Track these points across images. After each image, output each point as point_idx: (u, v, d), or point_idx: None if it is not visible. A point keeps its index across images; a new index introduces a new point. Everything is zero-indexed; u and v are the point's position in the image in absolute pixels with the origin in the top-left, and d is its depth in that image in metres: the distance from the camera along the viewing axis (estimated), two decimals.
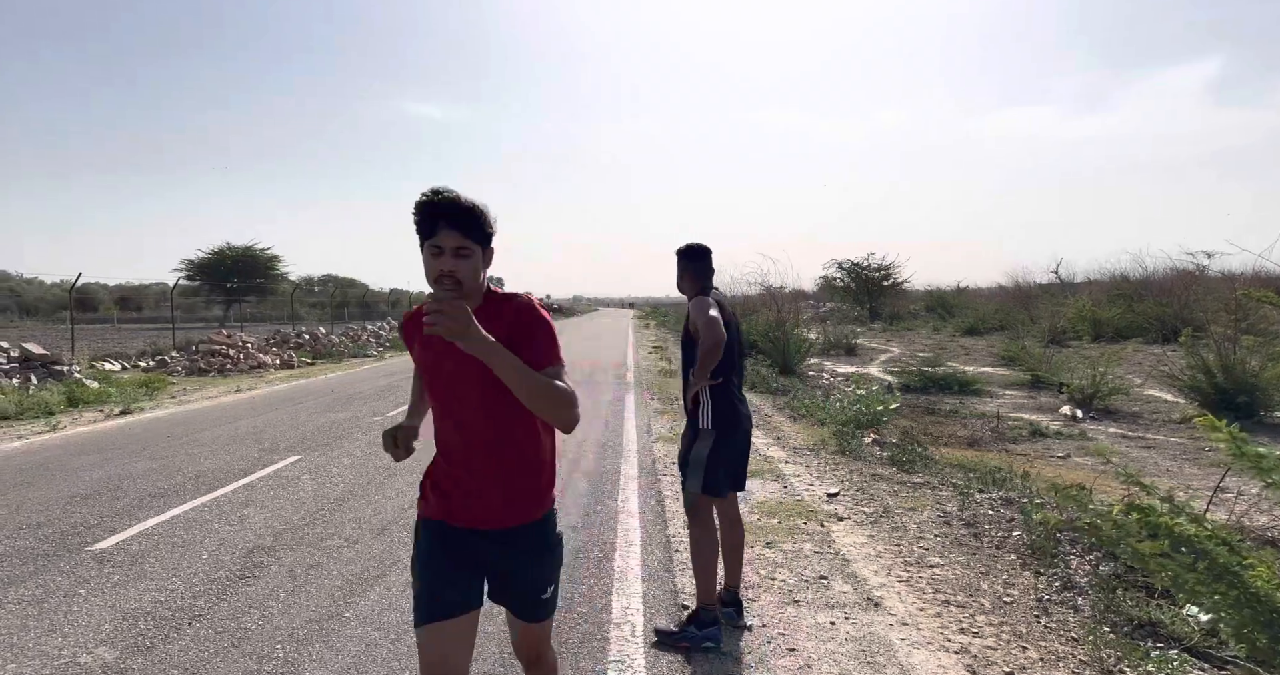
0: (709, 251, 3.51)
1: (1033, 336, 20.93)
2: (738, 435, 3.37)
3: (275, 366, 18.08)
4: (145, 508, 5.24)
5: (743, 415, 3.41)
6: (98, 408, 10.77)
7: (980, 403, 12.00)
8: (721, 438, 3.29)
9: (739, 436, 3.39)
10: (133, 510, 5.17)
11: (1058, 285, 34.36)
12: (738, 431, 3.37)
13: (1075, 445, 8.49)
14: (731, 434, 3.33)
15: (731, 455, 3.36)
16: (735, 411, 3.36)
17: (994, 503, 5.16)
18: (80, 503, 5.40)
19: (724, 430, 3.30)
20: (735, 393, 3.41)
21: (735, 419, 3.35)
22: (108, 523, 4.87)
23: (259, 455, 7.13)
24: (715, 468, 3.29)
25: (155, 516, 5.00)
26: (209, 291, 55.15)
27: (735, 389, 3.42)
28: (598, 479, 6.12)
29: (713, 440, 3.28)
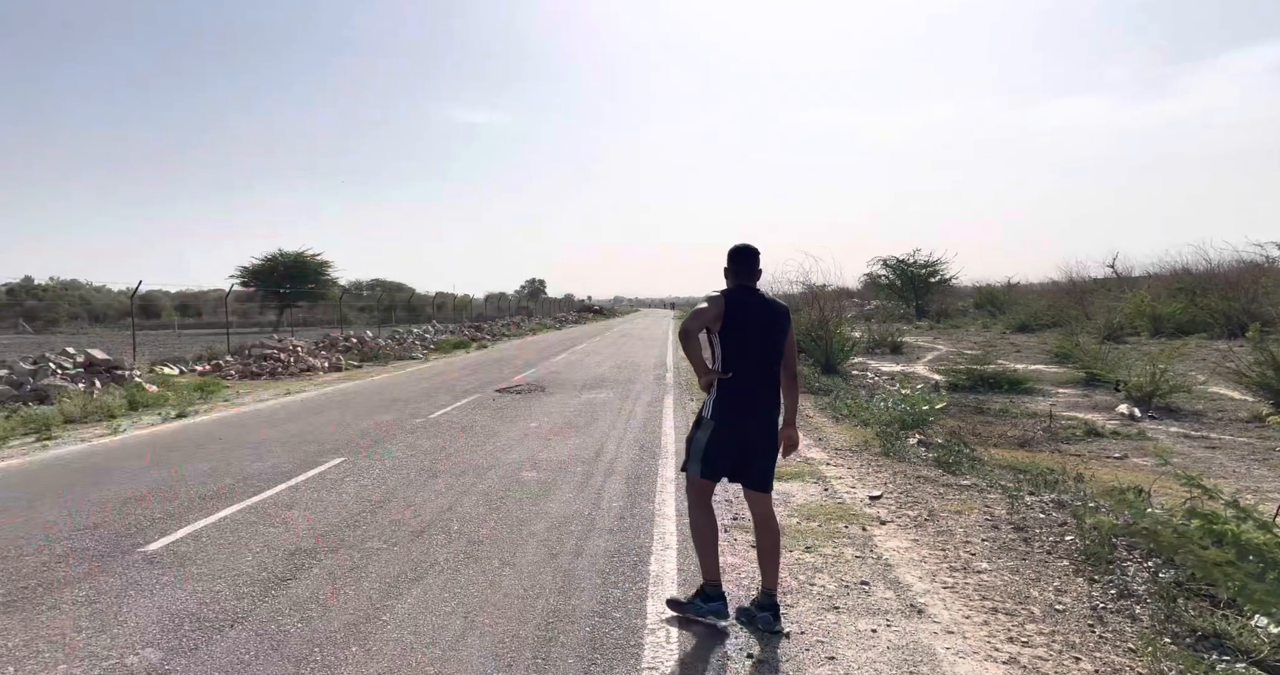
0: (745, 252, 3.65)
1: (1088, 333, 20.22)
2: (739, 427, 3.45)
3: (324, 370, 18.51)
4: (195, 510, 5.39)
5: (751, 409, 3.47)
6: (156, 411, 11.15)
7: (1032, 402, 11.63)
8: (720, 427, 3.45)
9: (740, 428, 3.46)
10: (183, 512, 5.32)
11: (1114, 279, 33.14)
12: (739, 423, 3.45)
13: (1133, 445, 8.16)
14: (731, 425, 3.45)
15: (730, 445, 3.48)
16: (739, 404, 3.47)
17: (1045, 506, 4.97)
18: (135, 504, 5.58)
19: (723, 421, 3.46)
20: (747, 387, 3.47)
21: (738, 411, 3.45)
22: (160, 524, 5.02)
23: (304, 458, 7.28)
24: (711, 454, 3.48)
25: (204, 518, 5.14)
26: (263, 297, 56.84)
27: (748, 384, 3.47)
28: (635, 481, 6.08)
29: (711, 429, 3.47)
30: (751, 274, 3.63)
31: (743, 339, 3.46)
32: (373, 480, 6.29)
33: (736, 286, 3.60)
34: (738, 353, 3.46)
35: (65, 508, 5.54)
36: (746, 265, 3.63)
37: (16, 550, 4.53)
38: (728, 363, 3.48)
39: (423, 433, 8.72)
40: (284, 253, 54.93)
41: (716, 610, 3.42)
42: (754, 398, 3.47)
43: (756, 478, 3.52)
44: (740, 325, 3.46)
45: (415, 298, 55.19)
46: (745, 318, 3.47)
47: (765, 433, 3.49)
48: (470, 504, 5.47)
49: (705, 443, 3.47)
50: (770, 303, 3.57)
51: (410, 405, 11.36)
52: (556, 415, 9.96)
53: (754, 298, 3.55)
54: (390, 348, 23.85)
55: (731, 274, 3.63)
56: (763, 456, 3.50)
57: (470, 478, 6.33)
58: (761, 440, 3.49)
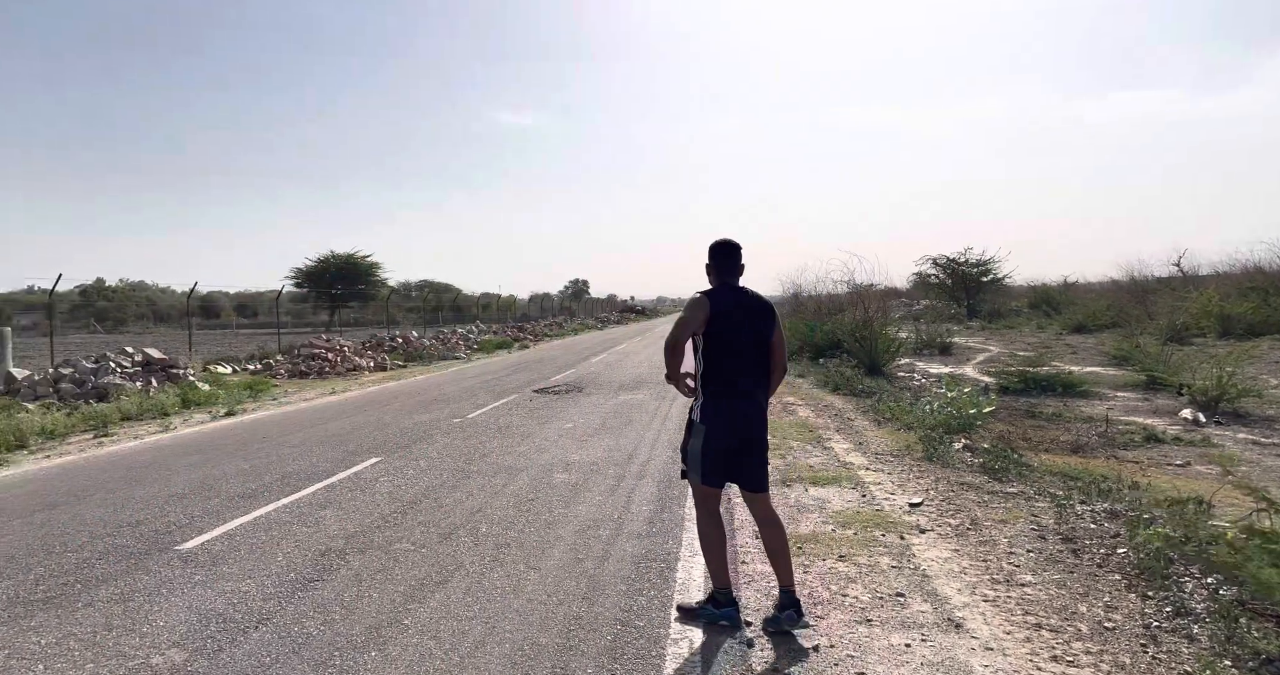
0: (726, 247, 3.58)
1: (1149, 334, 19.38)
2: (731, 429, 3.37)
3: (369, 369, 18.87)
4: (233, 508, 5.49)
5: (742, 410, 3.40)
6: (207, 409, 11.50)
7: (1088, 406, 11.16)
8: (712, 431, 3.37)
9: (732, 430, 3.38)
10: (221, 511, 5.43)
11: (1179, 278, 31.74)
12: (731, 425, 3.37)
13: (1196, 453, 7.74)
14: (723, 427, 3.37)
15: (725, 448, 3.40)
16: (729, 406, 3.39)
17: (1097, 515, 4.71)
18: (176, 502, 5.71)
19: (714, 424, 3.37)
20: (736, 388, 3.41)
21: (728, 413, 3.37)
22: (197, 522, 5.13)
23: (342, 457, 7.39)
24: (708, 459, 3.38)
25: (240, 517, 5.23)
26: (316, 298, 58.37)
27: (737, 384, 3.41)
28: (666, 484, 5.99)
29: (704, 435, 3.38)
30: (734, 270, 3.56)
31: (730, 339, 3.40)
32: (406, 480, 6.33)
33: (720, 285, 3.54)
34: (726, 353, 3.40)
35: (111, 504, 5.70)
36: (729, 261, 3.56)
37: (62, 546, 4.66)
38: (715, 363, 3.42)
39: (459, 433, 8.77)
40: (335, 254, 56.29)
41: (728, 616, 3.36)
42: (743, 398, 3.42)
43: (751, 478, 3.47)
44: (727, 326, 3.40)
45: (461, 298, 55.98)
46: (732, 317, 3.41)
47: (757, 432, 3.45)
48: (500, 506, 5.45)
49: (700, 448, 3.40)
50: (756, 299, 3.51)
51: (450, 405, 11.47)
52: (592, 416, 9.93)
53: (739, 296, 3.49)
54: (434, 348, 24.20)
55: (714, 271, 3.55)
56: (756, 456, 3.45)
57: (502, 479, 6.32)
58: (754, 440, 3.44)
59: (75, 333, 48.82)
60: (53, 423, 9.30)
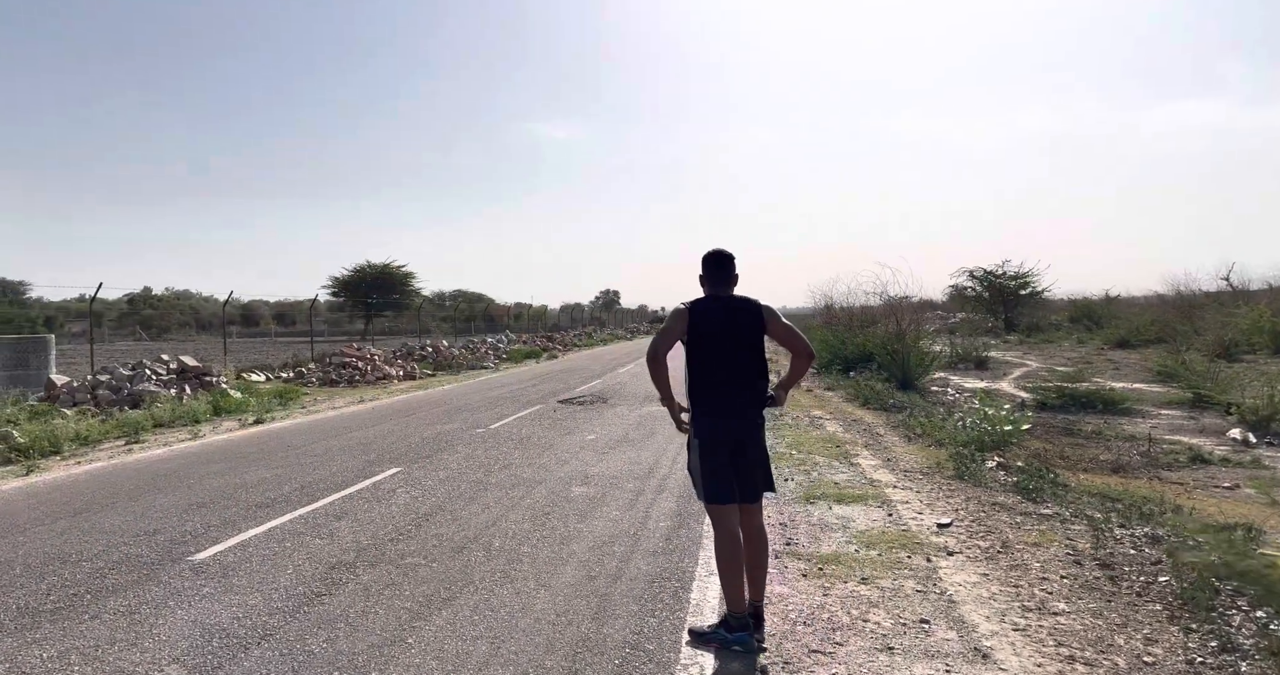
0: (715, 258, 3.52)
1: (1196, 350, 18.71)
2: (722, 442, 3.32)
3: (399, 378, 19.03)
4: (249, 518, 5.49)
5: (729, 421, 3.33)
6: (237, 417, 11.65)
7: (1130, 424, 10.76)
8: (705, 446, 3.32)
9: (723, 443, 3.32)
10: (238, 520, 5.43)
11: (1229, 293, 30.68)
12: (721, 438, 3.32)
13: (1245, 475, 7.37)
14: (714, 441, 3.32)
15: (721, 461, 3.33)
16: (716, 419, 3.34)
17: (1137, 540, 4.46)
18: (195, 511, 5.74)
19: (705, 438, 3.34)
20: (722, 400, 3.35)
21: (716, 426, 3.32)
22: (213, 532, 5.13)
23: (363, 467, 7.38)
24: (708, 476, 3.32)
25: (255, 527, 5.22)
26: (352, 307, 59.33)
27: (723, 396, 3.35)
28: (685, 500, 5.85)
29: (698, 450, 3.34)
30: (725, 281, 3.49)
31: (712, 350, 3.35)
32: (424, 492, 6.29)
33: (704, 297, 3.48)
34: (710, 365, 3.35)
35: (132, 512, 5.74)
36: (719, 272, 3.49)
37: (77, 555, 4.69)
38: (699, 375, 3.36)
39: (480, 443, 8.74)
40: (371, 264, 57.17)
41: (741, 641, 3.24)
42: (730, 409, 3.35)
43: (744, 489, 3.37)
44: (708, 336, 3.35)
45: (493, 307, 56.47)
46: (712, 328, 3.36)
47: (749, 442, 3.37)
48: (515, 519, 5.37)
49: (698, 464, 3.35)
50: (738, 305, 3.43)
51: (474, 415, 11.47)
52: (614, 428, 9.83)
53: (720, 305, 3.42)
54: (464, 357, 24.36)
55: (704, 282, 3.50)
56: (749, 468, 3.37)
57: (520, 491, 6.24)
58: (746, 451, 3.36)
59: (122, 340, 50.33)
60: (87, 429, 9.48)
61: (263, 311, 73.04)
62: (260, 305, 72.17)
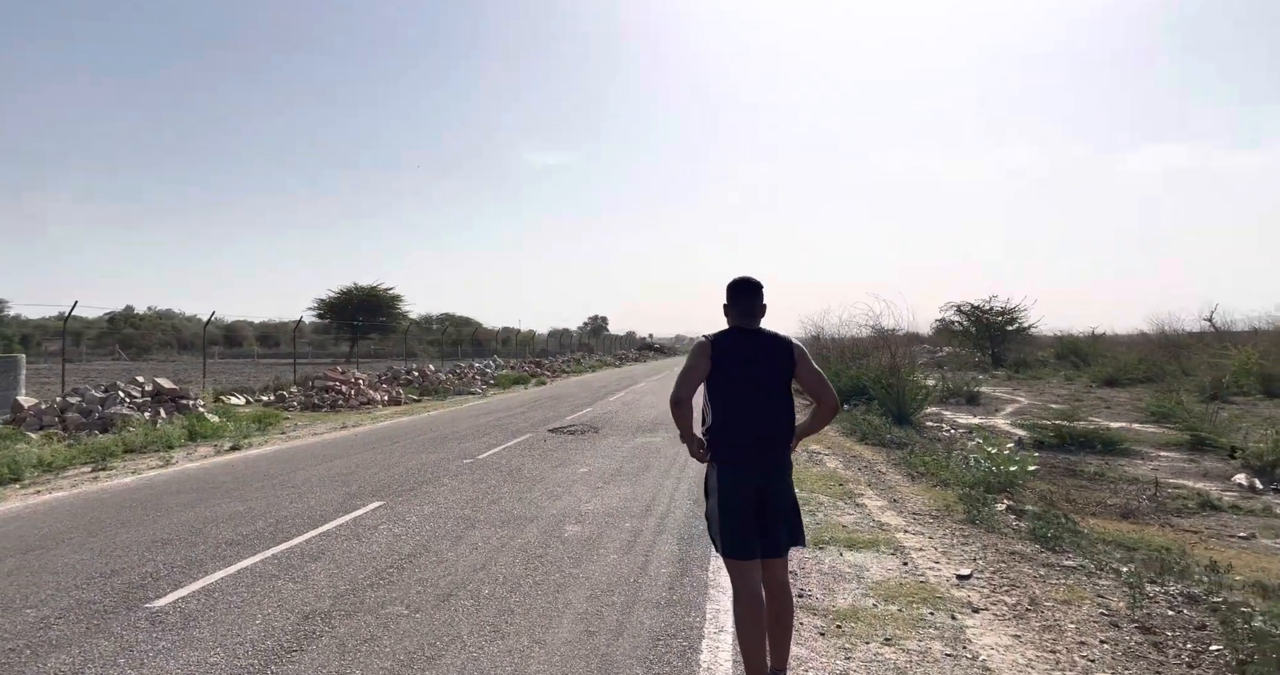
0: (742, 286, 3.21)
1: (1186, 390, 18.66)
2: (746, 490, 3.00)
3: (383, 403, 18.57)
4: (218, 557, 5.08)
5: (755, 467, 3.01)
6: (213, 442, 11.18)
7: (1130, 465, 10.56)
8: (727, 494, 3.02)
9: (748, 492, 3.01)
10: (205, 560, 5.02)
11: (1212, 334, 30.90)
12: (746, 486, 3.01)
13: (1260, 523, 7.14)
14: (737, 490, 3.01)
15: (745, 512, 3.00)
16: (741, 465, 3.02)
17: (1173, 599, 4.18)
18: (159, 549, 5.32)
19: (727, 486, 3.03)
20: (747, 444, 3.03)
21: (741, 473, 3.02)
22: (176, 574, 4.71)
23: (343, 500, 6.98)
24: (730, 527, 3.01)
25: (223, 569, 4.81)
26: (337, 329, 58.70)
27: (748, 440, 3.03)
28: (687, 542, 5.51)
29: (718, 497, 3.04)
30: (751, 311, 3.17)
31: (736, 390, 3.04)
32: (407, 529, 5.90)
33: (729, 330, 3.17)
34: (733, 406, 3.04)
35: (89, 549, 5.32)
36: (745, 302, 3.17)
37: (23, 600, 4.26)
38: (722, 418, 3.05)
39: (468, 475, 8.35)
40: (359, 286, 56.75)
41: None
42: (754, 457, 3.02)
43: (772, 542, 3.04)
44: (730, 376, 3.04)
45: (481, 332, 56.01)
46: (737, 365, 3.05)
47: (774, 492, 3.03)
48: (505, 562, 5.00)
49: (719, 514, 3.03)
50: (766, 341, 3.11)
51: (461, 443, 11.07)
52: (608, 460, 9.48)
53: (747, 340, 3.10)
54: (450, 382, 23.92)
55: (728, 312, 3.22)
56: (778, 520, 3.04)
57: (510, 530, 5.88)
58: (771, 501, 3.03)
59: (100, 359, 49.33)
60: (52, 454, 9.02)
61: (246, 332, 72.16)
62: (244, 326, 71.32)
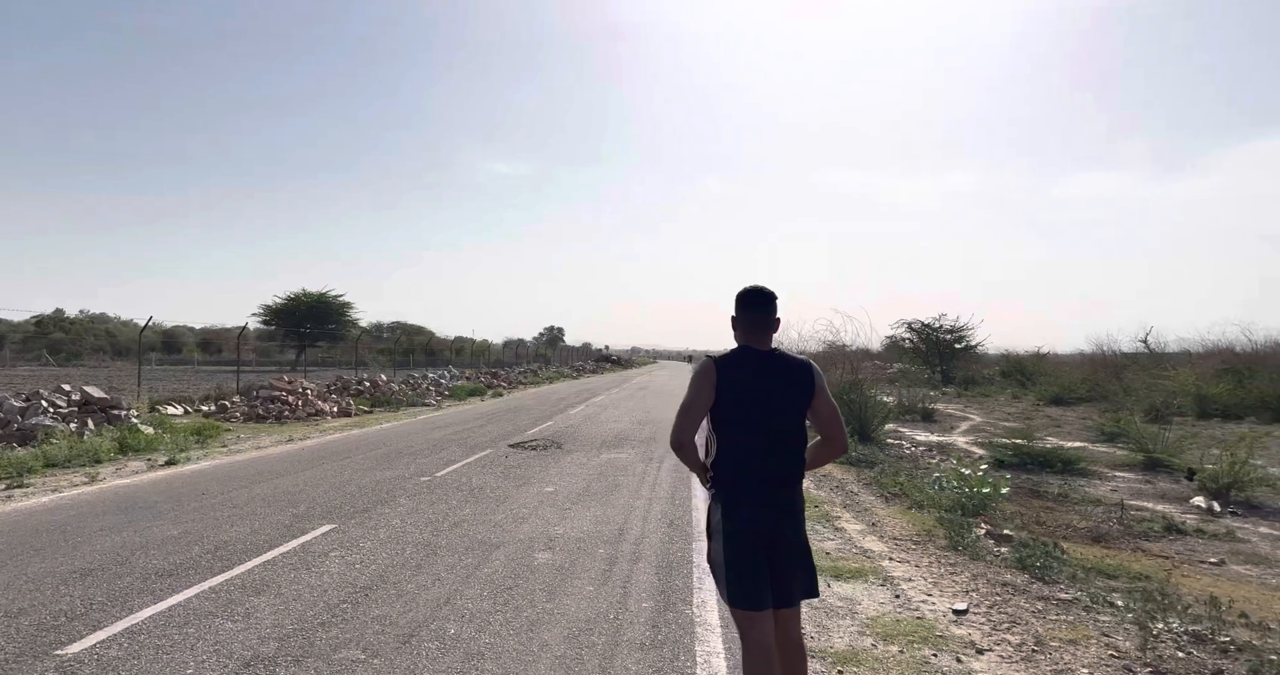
0: (754, 297, 2.82)
1: (1128, 410, 19.15)
2: (757, 532, 2.64)
3: (332, 414, 17.79)
4: (145, 591, 4.54)
5: (766, 506, 2.64)
6: (146, 456, 10.42)
7: (1089, 485, 10.64)
8: (733, 536, 2.65)
9: (759, 534, 2.64)
10: (129, 596, 4.48)
11: (1146, 354, 32.05)
12: (756, 528, 2.64)
13: (1226, 548, 7.15)
14: (746, 531, 2.64)
15: (756, 556, 2.62)
16: (749, 502, 2.65)
17: (1179, 639, 4.01)
18: (77, 581, 4.74)
19: (734, 527, 2.65)
20: (756, 479, 2.66)
21: (749, 512, 2.65)
22: (95, 613, 4.17)
23: (290, 523, 6.45)
24: (738, 574, 2.63)
25: (152, 605, 4.29)
26: (284, 336, 56.81)
27: (758, 473, 2.66)
28: (667, 571, 5.18)
29: (723, 540, 2.67)
30: (762, 325, 2.79)
31: (743, 419, 2.67)
32: (362, 557, 5.43)
33: (737, 349, 2.79)
34: (741, 440, 2.68)
35: None
36: (754, 314, 2.79)
37: None
38: (727, 450, 2.69)
39: (426, 495, 7.87)
40: (307, 293, 55.12)
41: None
42: (765, 497, 2.65)
43: (784, 591, 2.67)
44: (738, 403, 2.67)
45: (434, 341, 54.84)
46: (746, 393, 2.68)
47: (787, 535, 2.67)
48: (473, 596, 4.59)
49: (724, 559, 2.66)
50: (782, 364, 2.73)
51: (417, 460, 10.54)
52: (574, 478, 9.09)
53: (760, 362, 2.72)
54: (403, 393, 23.14)
55: (738, 325, 2.84)
56: (793, 562, 2.68)
57: (475, 558, 5.46)
58: (783, 546, 2.66)
59: (26, 365, 46.61)
60: None
61: (187, 338, 69.42)
62: (184, 331, 68.62)
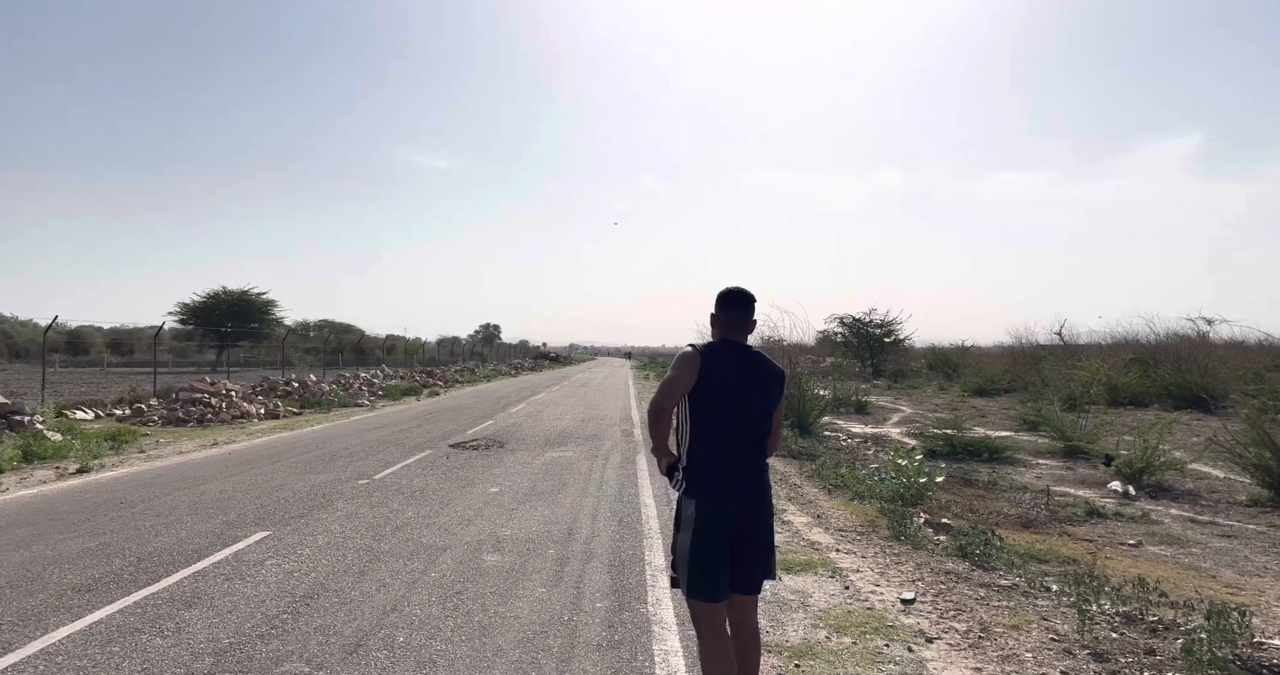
0: (734, 297, 2.98)
1: (1048, 400, 20.12)
2: (727, 519, 2.72)
3: (259, 416, 17.05)
4: (62, 609, 4.22)
5: (739, 493, 2.74)
6: (54, 464, 9.74)
7: (1016, 473, 11.11)
8: (702, 528, 2.71)
9: (729, 520, 2.72)
10: (44, 613, 4.15)
11: (1061, 346, 33.74)
12: (727, 515, 2.71)
13: (1143, 530, 7.56)
14: (717, 518, 2.71)
15: (722, 545, 2.71)
16: (722, 489, 2.73)
17: (1111, 620, 4.20)
18: None
19: (705, 515, 2.71)
20: (730, 466, 2.76)
21: (721, 499, 2.73)
22: (4, 634, 3.83)
23: (220, 530, 6.12)
24: (698, 565, 2.71)
25: (70, 623, 3.99)
26: (203, 336, 54.27)
27: (731, 461, 2.76)
28: (619, 570, 5.13)
29: (692, 530, 2.73)
30: (741, 324, 2.96)
31: (721, 406, 2.77)
32: (300, 564, 5.19)
33: (718, 341, 2.93)
34: (716, 423, 2.76)
35: None
36: (735, 313, 2.95)
37: None
38: (704, 435, 2.77)
39: (365, 498, 7.60)
40: (228, 291, 52.83)
41: None
42: (740, 478, 2.76)
43: (746, 578, 2.78)
44: (719, 390, 2.77)
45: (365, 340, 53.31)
46: (726, 380, 2.79)
47: (758, 519, 2.79)
48: (420, 601, 4.44)
49: (689, 551, 2.73)
50: (762, 363, 2.89)
51: (354, 462, 10.18)
52: (519, 478, 8.94)
53: (740, 356, 2.86)
54: (334, 393, 22.38)
55: (717, 323, 3.01)
56: (757, 550, 2.79)
57: (421, 562, 5.29)
58: (757, 529, 2.78)
59: None
60: None
61: (95, 339, 65.42)
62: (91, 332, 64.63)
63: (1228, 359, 23.14)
